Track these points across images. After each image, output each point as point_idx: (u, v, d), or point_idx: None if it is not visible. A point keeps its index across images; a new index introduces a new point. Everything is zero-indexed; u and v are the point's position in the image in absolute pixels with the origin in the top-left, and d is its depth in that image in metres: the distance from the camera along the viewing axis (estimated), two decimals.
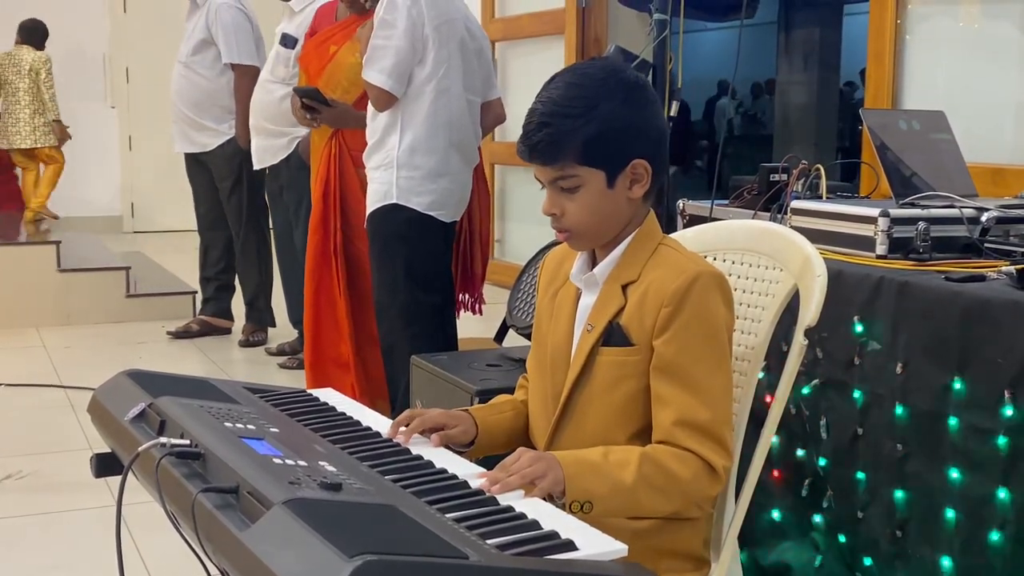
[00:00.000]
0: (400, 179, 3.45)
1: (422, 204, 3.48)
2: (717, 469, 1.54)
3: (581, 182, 1.59)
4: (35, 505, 3.36)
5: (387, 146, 3.48)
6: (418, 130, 3.46)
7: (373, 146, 3.53)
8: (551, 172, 1.60)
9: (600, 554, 1.22)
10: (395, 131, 3.46)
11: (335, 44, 3.77)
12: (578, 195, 1.59)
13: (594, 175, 1.58)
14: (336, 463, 1.39)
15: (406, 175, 3.46)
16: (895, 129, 2.61)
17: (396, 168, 3.45)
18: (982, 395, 1.95)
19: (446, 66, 3.48)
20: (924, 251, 2.27)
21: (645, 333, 1.58)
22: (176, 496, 1.33)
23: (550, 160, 1.59)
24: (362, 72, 3.43)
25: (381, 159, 3.49)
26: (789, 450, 2.42)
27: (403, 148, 3.46)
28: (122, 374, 1.72)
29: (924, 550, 2.08)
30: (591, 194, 1.59)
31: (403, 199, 3.46)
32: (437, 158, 3.51)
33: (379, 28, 3.39)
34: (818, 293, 1.66)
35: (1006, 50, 3.73)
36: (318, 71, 3.90)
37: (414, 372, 3.12)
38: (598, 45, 6.37)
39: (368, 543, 1.07)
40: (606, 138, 1.57)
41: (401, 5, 3.38)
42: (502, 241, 7.65)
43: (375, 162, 3.52)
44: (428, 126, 3.47)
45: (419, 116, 3.46)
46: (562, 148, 1.57)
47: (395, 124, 3.46)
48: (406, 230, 3.49)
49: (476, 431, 1.70)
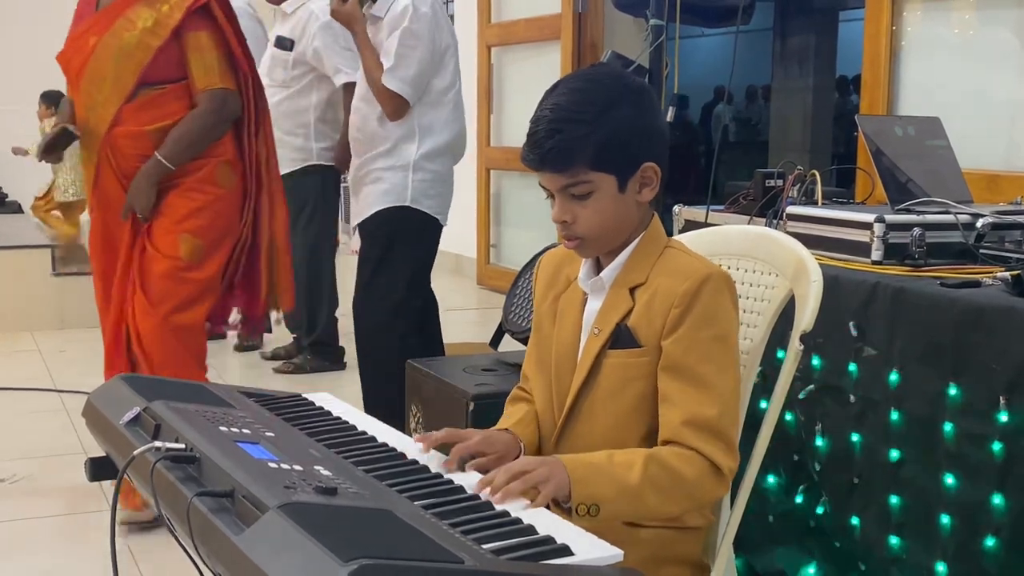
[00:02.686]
0: (415, 181, 3.54)
1: (432, 207, 3.57)
2: (723, 470, 1.54)
3: (593, 188, 1.58)
4: (30, 509, 3.36)
5: (403, 152, 3.56)
6: (438, 137, 3.58)
7: (383, 153, 3.58)
8: (562, 179, 1.59)
9: (596, 559, 1.22)
10: (412, 139, 3.56)
11: (95, 35, 3.13)
12: (590, 201, 1.59)
13: (606, 180, 1.58)
14: (331, 467, 1.39)
15: (420, 178, 3.55)
16: (891, 135, 2.62)
17: (412, 171, 3.53)
18: (977, 401, 1.95)
19: (460, 76, 3.65)
20: (919, 257, 2.27)
21: (654, 334, 1.58)
22: (171, 500, 1.33)
23: (562, 167, 1.58)
24: (383, 79, 3.47)
25: (394, 161, 3.56)
26: (784, 455, 2.42)
27: (421, 153, 3.55)
28: (117, 378, 1.72)
29: (919, 556, 2.08)
30: (603, 199, 1.59)
31: (416, 202, 3.55)
32: (447, 165, 3.64)
33: (404, 37, 3.47)
34: (813, 298, 1.66)
35: (1002, 56, 3.74)
36: (79, 70, 3.18)
37: (409, 377, 3.11)
38: (594, 51, 6.37)
39: (363, 547, 1.07)
40: (617, 143, 1.57)
41: (424, 16, 3.47)
42: (497, 246, 7.66)
43: (385, 164, 3.57)
44: (447, 134, 3.61)
45: (439, 124, 3.57)
46: (573, 154, 1.56)
47: (412, 133, 3.55)
48: (417, 232, 3.59)
49: (519, 452, 1.65)
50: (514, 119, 7.36)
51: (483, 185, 7.59)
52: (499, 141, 7.52)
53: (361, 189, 3.69)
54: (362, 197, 3.67)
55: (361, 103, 3.67)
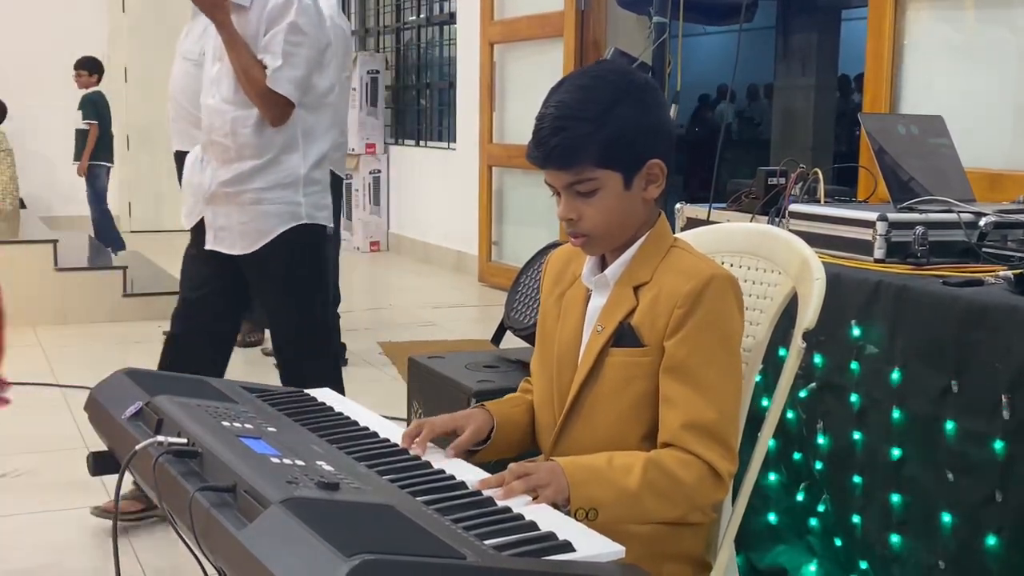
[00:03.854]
0: (306, 195, 3.14)
1: (324, 218, 3.22)
2: (722, 474, 1.54)
3: (599, 185, 1.58)
4: (31, 504, 3.36)
5: (287, 164, 3.12)
6: (322, 143, 3.20)
7: (263, 167, 3.09)
8: (567, 177, 1.58)
9: (597, 555, 1.22)
10: (296, 148, 3.12)
11: None
12: (595, 198, 1.58)
13: (612, 177, 1.58)
14: (334, 463, 1.39)
15: (312, 191, 3.16)
16: (894, 134, 2.61)
17: (302, 185, 3.13)
18: (979, 399, 1.95)
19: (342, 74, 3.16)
20: (922, 255, 2.27)
21: (657, 334, 1.58)
22: (173, 495, 1.33)
23: (567, 164, 1.57)
24: (268, 81, 3.01)
25: (280, 178, 3.11)
26: (786, 453, 2.42)
27: (310, 163, 3.15)
28: (119, 372, 1.72)
29: (920, 554, 2.08)
30: (609, 197, 1.58)
31: (310, 217, 3.16)
32: (327, 172, 3.29)
33: (290, 33, 3.03)
34: (816, 296, 1.66)
35: (1004, 55, 3.74)
36: None
37: (411, 374, 3.12)
38: (597, 48, 6.37)
39: (365, 543, 1.07)
40: (623, 140, 1.56)
41: (308, 8, 3.08)
42: (499, 243, 7.66)
43: (269, 181, 3.10)
44: (327, 141, 3.24)
45: (320, 129, 3.18)
46: (579, 152, 1.56)
47: (294, 141, 3.11)
48: (315, 246, 3.22)
49: (492, 424, 1.69)
50: (516, 116, 7.36)
51: (485, 182, 7.59)
52: (501, 138, 7.52)
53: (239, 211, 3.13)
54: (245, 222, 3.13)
55: (227, 105, 3.10)
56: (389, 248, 9.44)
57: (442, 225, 8.48)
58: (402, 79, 9.73)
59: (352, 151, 9.33)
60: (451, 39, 8.47)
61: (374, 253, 9.35)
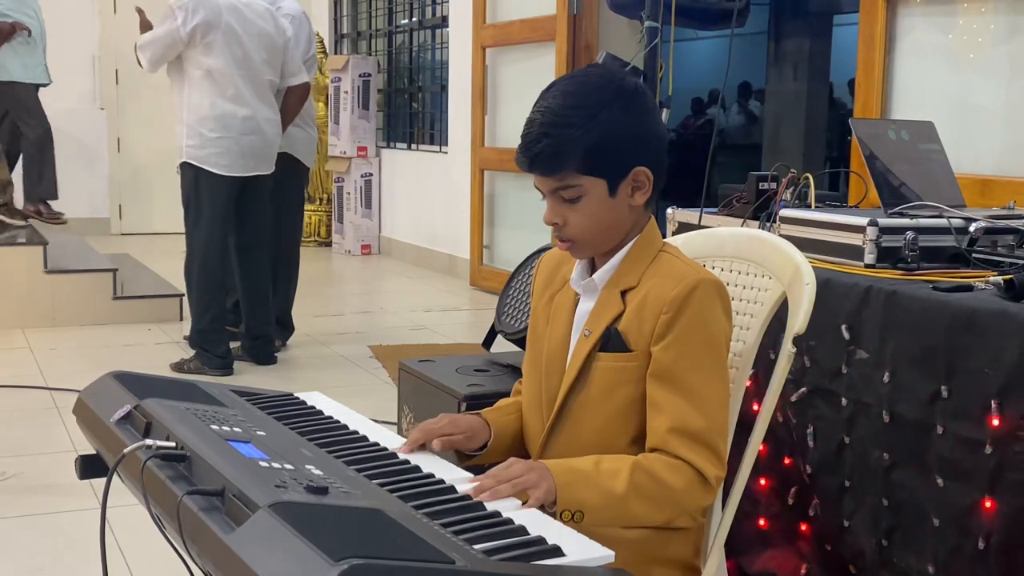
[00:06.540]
0: None
1: None
2: (709, 479, 1.54)
3: (583, 191, 1.58)
4: (19, 507, 3.35)
5: None
6: None
7: None
8: (552, 182, 1.58)
9: (587, 560, 1.21)
10: None
11: None
12: (580, 204, 1.58)
13: (596, 184, 1.58)
14: (322, 467, 1.38)
15: None
16: (884, 139, 2.62)
17: None
18: (969, 405, 1.95)
19: None
20: (912, 261, 2.27)
21: (643, 339, 1.58)
22: (161, 498, 1.32)
23: (551, 170, 1.57)
24: None
25: None
26: (776, 458, 2.42)
27: None
28: (108, 375, 1.71)
29: (909, 559, 2.08)
30: (593, 203, 1.58)
31: None
32: None
33: None
34: (806, 301, 1.66)
35: (995, 61, 3.75)
36: None
37: (402, 377, 3.11)
38: (589, 52, 6.38)
39: (354, 547, 1.07)
40: (607, 147, 1.55)
41: None
42: (491, 247, 7.65)
43: None
44: None
45: None
46: (563, 158, 1.55)
47: None
48: None
49: (488, 435, 1.68)
50: (508, 120, 7.36)
51: (477, 186, 7.59)
52: (493, 142, 7.52)
53: None
54: None
55: None
56: (380, 251, 9.43)
57: (434, 229, 8.48)
58: (394, 82, 9.73)
59: (344, 154, 9.33)
60: (443, 43, 8.47)
61: (365, 256, 9.34)
